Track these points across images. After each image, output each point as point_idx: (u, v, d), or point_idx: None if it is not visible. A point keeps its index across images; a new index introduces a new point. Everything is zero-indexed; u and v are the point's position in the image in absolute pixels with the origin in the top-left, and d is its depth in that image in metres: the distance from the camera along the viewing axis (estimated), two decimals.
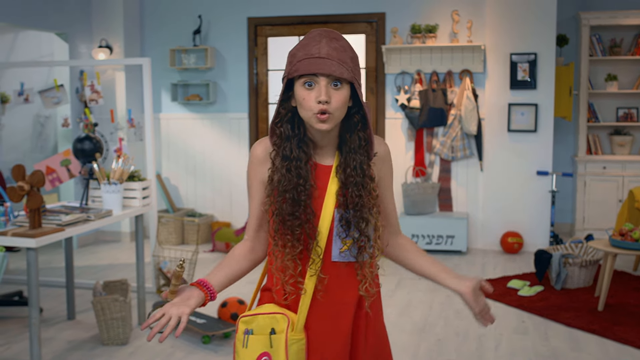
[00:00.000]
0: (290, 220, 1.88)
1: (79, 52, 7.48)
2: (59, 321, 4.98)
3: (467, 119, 7.02)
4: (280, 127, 1.92)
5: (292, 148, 1.90)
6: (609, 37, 7.76)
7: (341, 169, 1.93)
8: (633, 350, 4.34)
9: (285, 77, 1.88)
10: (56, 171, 5.28)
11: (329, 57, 1.81)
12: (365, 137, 1.93)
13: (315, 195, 1.92)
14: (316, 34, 1.86)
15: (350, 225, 1.90)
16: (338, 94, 1.83)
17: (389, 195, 2.08)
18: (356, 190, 1.90)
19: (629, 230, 5.10)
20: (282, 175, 1.90)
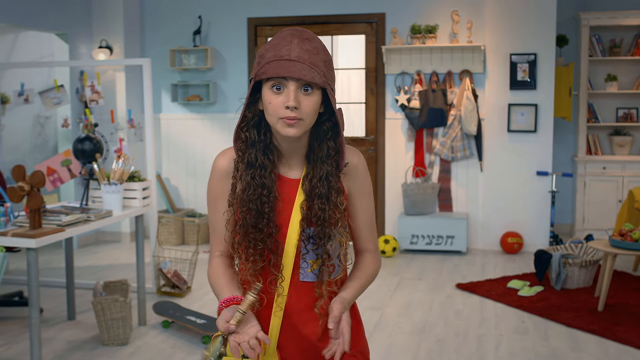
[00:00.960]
0: (253, 233, 1.78)
1: (79, 53, 7.49)
2: (59, 321, 4.99)
3: (467, 120, 7.03)
4: (245, 131, 1.83)
5: (257, 155, 1.80)
6: (608, 37, 7.77)
7: (307, 179, 1.82)
8: (633, 350, 4.34)
9: (253, 78, 1.76)
10: (57, 171, 5.28)
11: (299, 59, 1.69)
12: (335, 147, 1.81)
13: (280, 208, 1.82)
14: (287, 34, 1.74)
15: (318, 243, 1.79)
16: (308, 99, 1.71)
17: (361, 211, 1.93)
18: (320, 203, 1.79)
19: (629, 230, 5.10)
20: (247, 183, 1.79)
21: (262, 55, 1.74)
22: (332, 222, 1.79)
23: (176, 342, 4.54)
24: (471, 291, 5.68)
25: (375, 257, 1.98)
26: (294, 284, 1.84)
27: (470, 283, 5.88)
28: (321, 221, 1.78)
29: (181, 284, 5.59)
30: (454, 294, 5.62)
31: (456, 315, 5.09)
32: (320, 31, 7.60)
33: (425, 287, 5.81)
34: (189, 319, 4.66)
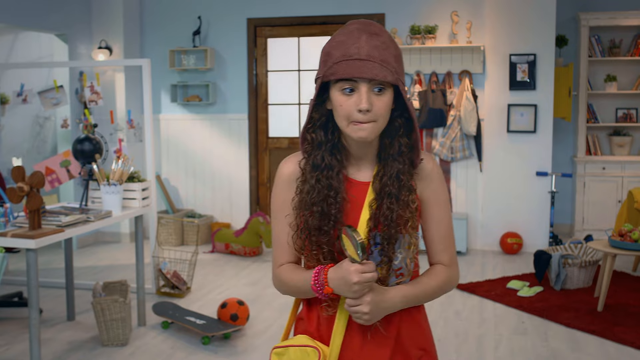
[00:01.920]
0: (317, 236, 1.70)
1: (78, 53, 7.49)
2: (59, 322, 4.99)
3: (467, 120, 7.03)
4: (312, 132, 1.72)
5: (324, 156, 1.71)
6: (608, 37, 7.77)
7: (378, 178, 1.73)
8: (633, 350, 4.34)
9: (320, 78, 1.66)
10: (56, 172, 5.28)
11: (370, 58, 1.59)
12: (408, 143, 1.72)
13: (348, 210, 1.73)
14: (354, 29, 1.64)
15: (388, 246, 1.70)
16: (380, 99, 1.62)
17: (435, 220, 1.81)
18: (389, 202, 1.69)
19: (628, 230, 5.10)
20: (311, 186, 1.71)
21: (329, 53, 1.65)
22: (400, 222, 1.70)
23: (176, 342, 4.54)
24: (471, 291, 5.68)
25: (449, 270, 1.82)
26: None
27: (469, 283, 5.88)
28: (389, 221, 1.69)
29: (181, 284, 5.59)
30: (453, 294, 5.62)
31: (456, 315, 5.09)
32: (319, 31, 7.60)
33: None
34: (189, 320, 4.66)
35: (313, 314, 1.80)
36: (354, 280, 1.59)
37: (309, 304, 1.82)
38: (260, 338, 4.61)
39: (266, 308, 5.25)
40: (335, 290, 1.64)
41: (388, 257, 1.70)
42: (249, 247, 7.00)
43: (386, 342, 1.75)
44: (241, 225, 7.74)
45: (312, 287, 1.68)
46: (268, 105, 7.84)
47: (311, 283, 1.68)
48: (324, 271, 1.66)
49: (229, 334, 4.58)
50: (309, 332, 1.80)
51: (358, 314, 1.64)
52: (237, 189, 7.90)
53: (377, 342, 1.75)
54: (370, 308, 1.64)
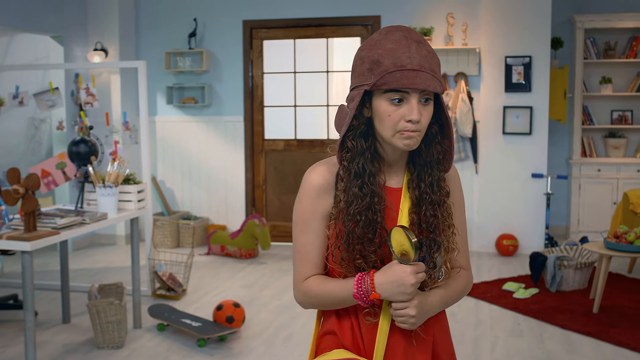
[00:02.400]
0: (362, 244, 1.67)
1: (74, 55, 7.48)
2: (54, 324, 4.98)
3: (462, 122, 7.03)
4: (352, 140, 1.68)
5: (365, 164, 1.67)
6: (603, 40, 7.79)
7: (414, 184, 1.73)
8: (628, 352, 4.35)
9: (363, 86, 1.63)
10: (51, 174, 5.27)
11: (422, 68, 1.57)
12: (443, 150, 1.72)
13: (390, 217, 1.72)
14: (401, 36, 1.61)
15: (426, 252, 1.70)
16: (427, 110, 1.62)
17: (458, 220, 1.82)
18: (431, 209, 1.70)
19: (624, 232, 5.11)
20: (354, 194, 1.67)
21: (377, 62, 1.60)
22: (442, 228, 1.71)
23: (171, 345, 4.53)
24: None
25: (468, 273, 1.87)
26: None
27: None
28: (433, 227, 1.69)
29: (176, 286, 5.58)
30: None
31: (452, 317, 5.09)
32: (315, 33, 7.61)
33: None
34: (184, 322, 4.65)
35: (345, 325, 1.76)
36: (412, 282, 1.60)
37: (339, 316, 1.78)
38: (256, 340, 4.60)
39: (262, 310, 5.24)
40: (383, 295, 1.63)
41: (433, 263, 1.70)
42: (244, 249, 7.00)
43: (426, 347, 1.76)
44: (237, 227, 7.73)
45: (354, 295, 1.65)
46: (264, 107, 7.84)
47: (354, 291, 1.65)
48: (369, 277, 1.64)
49: (225, 337, 4.57)
50: (343, 345, 1.75)
51: (404, 317, 1.64)
52: (232, 191, 7.90)
53: (419, 347, 1.74)
54: (417, 311, 1.64)
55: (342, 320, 1.77)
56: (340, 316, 1.77)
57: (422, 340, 1.74)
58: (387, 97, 1.60)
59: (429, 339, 1.76)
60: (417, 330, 1.72)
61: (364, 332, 1.73)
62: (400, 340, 1.72)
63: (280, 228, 7.83)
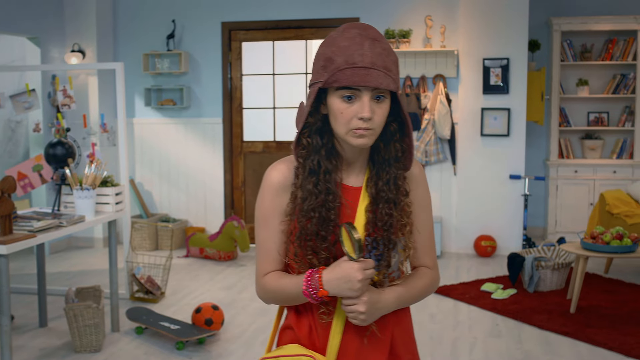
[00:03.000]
0: (314, 241, 1.67)
1: (51, 57, 7.42)
2: (31, 329, 4.93)
3: (441, 124, 7.06)
4: (307, 137, 1.69)
5: (321, 161, 1.69)
6: (580, 42, 7.86)
7: (372, 182, 1.72)
8: (604, 352, 4.39)
9: (317, 84, 1.64)
10: (28, 177, 5.22)
11: (374, 66, 1.57)
12: (402, 148, 1.72)
13: (343, 215, 1.71)
14: (356, 34, 1.61)
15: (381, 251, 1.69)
16: (381, 107, 1.62)
17: (420, 224, 1.81)
18: (387, 207, 1.69)
19: (600, 233, 5.16)
20: (309, 191, 1.68)
21: (330, 59, 1.61)
22: (398, 227, 1.70)
23: (150, 348, 4.51)
24: (445, 294, 5.71)
25: (432, 272, 1.85)
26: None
27: (444, 286, 5.91)
28: (387, 226, 1.69)
29: (155, 289, 5.55)
30: (427, 298, 5.65)
31: (430, 318, 5.11)
32: (294, 35, 7.60)
33: None
34: (163, 325, 4.63)
35: (303, 321, 1.77)
36: (359, 278, 1.60)
37: (298, 312, 1.79)
38: (235, 343, 4.59)
39: (241, 313, 5.23)
40: (332, 292, 1.63)
41: (387, 261, 1.70)
42: (223, 252, 6.97)
43: (382, 347, 1.76)
44: (216, 229, 7.71)
45: (303, 291, 1.65)
46: (243, 109, 7.83)
47: (303, 287, 1.65)
48: (318, 274, 1.64)
49: (204, 339, 4.56)
50: (300, 340, 1.76)
51: (354, 313, 1.64)
52: (211, 193, 7.87)
53: (374, 347, 1.75)
54: (367, 307, 1.63)
55: (300, 316, 1.78)
56: (300, 312, 1.78)
57: (377, 340, 1.75)
58: (340, 94, 1.61)
59: (385, 338, 1.76)
60: (373, 330, 1.72)
61: (319, 329, 1.74)
62: (354, 339, 1.73)
63: None
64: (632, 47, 7.62)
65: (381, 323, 1.74)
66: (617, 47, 7.70)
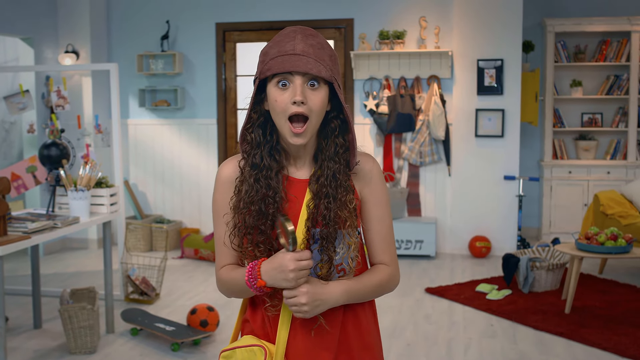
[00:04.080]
0: (253, 235, 1.71)
1: (44, 57, 7.40)
2: (25, 330, 4.91)
3: (435, 125, 7.07)
4: (250, 132, 1.74)
5: (263, 156, 1.73)
6: (573, 43, 7.88)
7: (314, 178, 1.75)
8: (599, 352, 4.40)
9: (257, 77, 1.71)
10: (22, 178, 5.21)
11: (304, 53, 1.64)
12: (344, 144, 1.75)
13: (287, 209, 1.74)
14: (290, 31, 1.69)
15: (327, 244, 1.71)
16: (315, 94, 1.66)
17: (375, 220, 1.83)
18: (326, 202, 1.71)
19: (595, 233, 5.17)
20: (250, 185, 1.72)
21: (266, 53, 1.70)
22: (339, 221, 1.71)
23: (145, 349, 4.50)
24: (440, 295, 5.71)
25: (390, 269, 1.84)
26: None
27: (439, 287, 5.91)
28: (327, 220, 1.70)
29: (149, 290, 5.54)
30: (423, 298, 5.65)
31: (425, 319, 5.11)
32: None
33: (394, 292, 5.82)
34: (158, 326, 4.62)
35: (257, 314, 1.81)
36: (290, 268, 1.62)
37: (254, 305, 1.83)
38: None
39: (236, 314, 5.22)
40: (269, 282, 1.65)
41: (328, 255, 1.71)
42: None
43: (331, 341, 1.77)
44: (210, 230, 7.70)
45: (246, 282, 1.68)
46: (237, 110, 7.82)
47: (245, 278, 1.68)
48: (258, 265, 1.67)
49: (199, 340, 4.55)
50: (254, 332, 1.81)
51: (296, 306, 1.65)
52: (206, 194, 7.86)
53: (321, 339, 1.76)
54: (308, 299, 1.65)
55: (255, 308, 1.83)
56: (255, 305, 1.83)
57: (325, 333, 1.76)
58: (274, 82, 1.66)
59: (334, 331, 1.77)
60: (321, 323, 1.74)
61: (271, 321, 1.78)
62: (302, 331, 1.75)
63: None
64: (625, 48, 7.65)
65: (330, 316, 1.75)
66: (611, 48, 7.73)
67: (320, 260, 1.72)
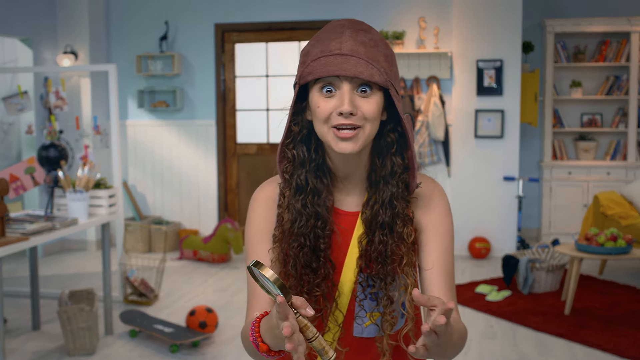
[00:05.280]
0: (308, 275, 1.40)
1: (43, 58, 7.39)
2: (24, 332, 4.90)
3: (435, 125, 7.06)
4: (292, 149, 1.44)
5: (308, 177, 1.42)
6: (573, 44, 7.87)
7: (368, 207, 1.44)
8: (599, 353, 4.39)
9: (297, 82, 1.41)
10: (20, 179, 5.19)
11: (353, 53, 1.33)
12: (402, 163, 1.43)
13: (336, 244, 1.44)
14: (336, 25, 1.39)
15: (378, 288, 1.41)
16: (367, 102, 1.35)
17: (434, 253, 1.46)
18: (381, 234, 1.40)
19: (594, 234, 5.16)
20: (297, 212, 1.41)
21: (308, 52, 1.39)
22: (395, 258, 1.40)
23: (144, 351, 4.49)
24: None
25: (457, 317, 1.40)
26: (348, 338, 1.47)
27: None
28: (382, 257, 1.40)
29: (148, 292, 5.53)
30: None
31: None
32: (287, 37, 7.59)
33: None
34: (157, 328, 4.61)
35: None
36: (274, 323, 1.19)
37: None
38: (229, 346, 4.57)
39: (235, 315, 5.21)
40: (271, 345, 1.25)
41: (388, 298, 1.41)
42: (217, 254, 6.95)
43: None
44: (209, 231, 7.69)
45: (252, 343, 1.28)
46: (236, 111, 7.81)
47: (250, 339, 1.28)
48: (257, 322, 1.28)
49: (198, 342, 4.54)
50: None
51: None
52: (205, 195, 7.85)
53: None
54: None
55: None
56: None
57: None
58: (318, 88, 1.37)
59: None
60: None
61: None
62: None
63: None
64: (625, 48, 7.64)
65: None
66: (610, 48, 7.72)
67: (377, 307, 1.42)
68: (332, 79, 1.35)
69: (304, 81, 1.38)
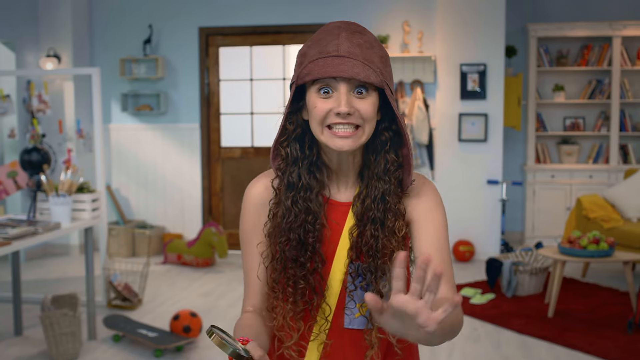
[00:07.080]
0: (293, 269, 1.45)
1: (26, 62, 7.34)
2: (6, 337, 4.86)
3: (419, 129, 7.08)
4: (285, 146, 1.48)
5: (301, 174, 1.47)
6: (556, 48, 7.92)
7: (359, 200, 1.49)
8: (582, 355, 4.41)
9: (294, 83, 1.45)
10: (2, 183, 5.16)
11: (350, 55, 1.37)
12: (396, 160, 1.48)
13: (327, 238, 1.49)
14: (333, 27, 1.43)
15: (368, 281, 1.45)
16: (364, 103, 1.41)
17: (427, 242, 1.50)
18: (373, 228, 1.45)
19: (577, 237, 5.19)
20: (287, 208, 1.47)
21: (305, 53, 1.44)
22: (386, 252, 1.45)
23: (127, 356, 4.46)
24: None
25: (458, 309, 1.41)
26: (338, 330, 1.51)
27: None
28: (373, 251, 1.44)
29: (132, 296, 5.50)
30: None
31: None
32: (272, 41, 7.59)
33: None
34: (141, 333, 4.59)
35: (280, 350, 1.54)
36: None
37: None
38: (213, 350, 4.56)
39: (219, 320, 5.20)
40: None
41: (378, 291, 1.46)
42: (201, 258, 6.93)
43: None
44: (193, 235, 7.66)
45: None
46: (220, 114, 7.80)
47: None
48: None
49: (182, 347, 4.52)
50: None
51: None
52: (189, 199, 7.83)
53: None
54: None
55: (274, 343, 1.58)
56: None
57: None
58: (315, 89, 1.41)
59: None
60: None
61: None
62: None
63: (237, 236, 7.75)
64: (607, 53, 7.70)
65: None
66: (593, 53, 7.77)
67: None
68: (329, 80, 1.40)
69: (302, 82, 1.43)
